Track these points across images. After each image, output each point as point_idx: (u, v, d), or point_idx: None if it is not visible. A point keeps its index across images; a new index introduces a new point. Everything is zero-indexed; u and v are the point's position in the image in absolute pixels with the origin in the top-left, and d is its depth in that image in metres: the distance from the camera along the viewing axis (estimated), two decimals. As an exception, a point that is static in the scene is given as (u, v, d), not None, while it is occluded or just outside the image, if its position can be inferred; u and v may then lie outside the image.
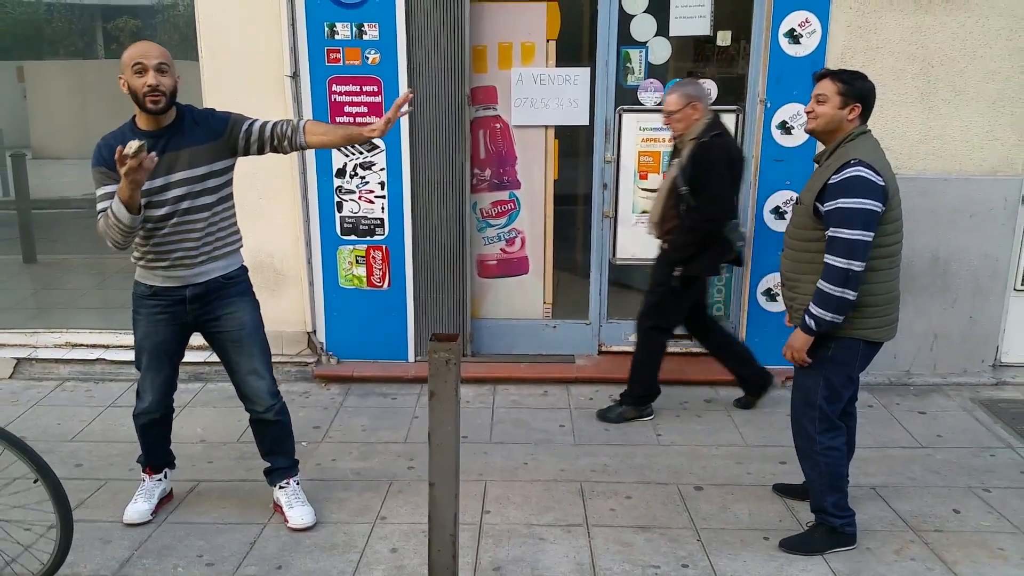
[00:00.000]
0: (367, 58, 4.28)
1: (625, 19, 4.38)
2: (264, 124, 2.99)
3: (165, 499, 3.40)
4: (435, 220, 4.49)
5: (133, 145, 2.55)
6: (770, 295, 4.53)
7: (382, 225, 4.50)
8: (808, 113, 2.88)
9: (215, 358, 4.58)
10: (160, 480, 3.38)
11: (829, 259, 2.72)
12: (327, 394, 4.47)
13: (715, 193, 3.70)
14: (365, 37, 4.25)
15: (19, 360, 4.70)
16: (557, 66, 4.48)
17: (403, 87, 4.28)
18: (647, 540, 3.11)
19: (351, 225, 4.51)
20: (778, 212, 4.43)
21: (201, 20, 4.28)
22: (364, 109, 4.34)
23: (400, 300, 4.59)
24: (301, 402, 4.34)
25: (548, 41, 4.46)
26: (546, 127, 4.58)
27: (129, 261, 3.05)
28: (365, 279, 4.58)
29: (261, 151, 3.01)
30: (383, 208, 4.47)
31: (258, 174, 4.37)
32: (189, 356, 4.60)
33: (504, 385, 4.54)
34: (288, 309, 4.62)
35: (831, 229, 2.72)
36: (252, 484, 3.50)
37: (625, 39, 4.41)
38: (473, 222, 4.68)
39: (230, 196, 3.04)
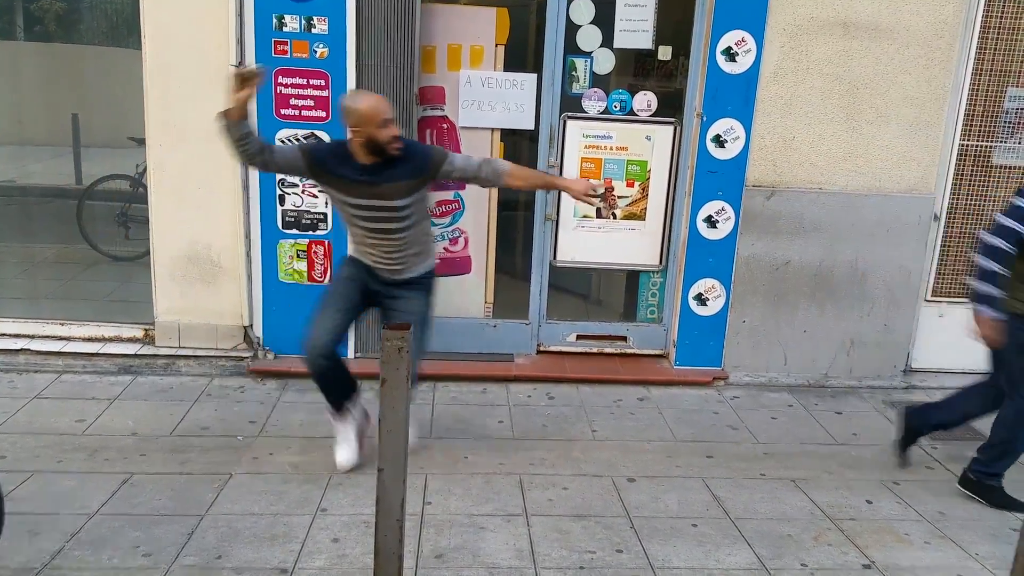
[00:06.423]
0: (315, 52, 4.28)
1: (572, 28, 4.50)
2: (468, 166, 3.36)
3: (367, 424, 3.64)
4: (379, 217, 4.52)
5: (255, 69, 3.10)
6: (701, 300, 4.72)
7: (325, 220, 4.50)
8: None
9: (145, 350, 4.56)
10: (348, 417, 3.59)
11: None
12: (263, 389, 4.42)
13: None
14: (314, 31, 4.25)
15: (-66, 349, 4.50)
16: (505, 70, 4.56)
17: (351, 83, 4.30)
18: (583, 528, 3.22)
19: (293, 219, 4.50)
20: (710, 221, 4.61)
21: (145, 8, 4.20)
22: (310, 103, 4.33)
23: (341, 296, 4.59)
24: (236, 397, 4.28)
25: (497, 45, 4.55)
26: (492, 130, 4.66)
27: (56, 252, 3.05)
28: (306, 274, 4.56)
29: (459, 182, 3.73)
30: (327, 203, 4.47)
31: (198, 163, 4.32)
32: (118, 348, 4.57)
33: (444, 382, 4.59)
34: (224, 302, 4.56)
35: None
36: (187, 476, 3.46)
37: (571, 48, 4.53)
38: (416, 220, 4.73)
39: (426, 215, 3.48)
